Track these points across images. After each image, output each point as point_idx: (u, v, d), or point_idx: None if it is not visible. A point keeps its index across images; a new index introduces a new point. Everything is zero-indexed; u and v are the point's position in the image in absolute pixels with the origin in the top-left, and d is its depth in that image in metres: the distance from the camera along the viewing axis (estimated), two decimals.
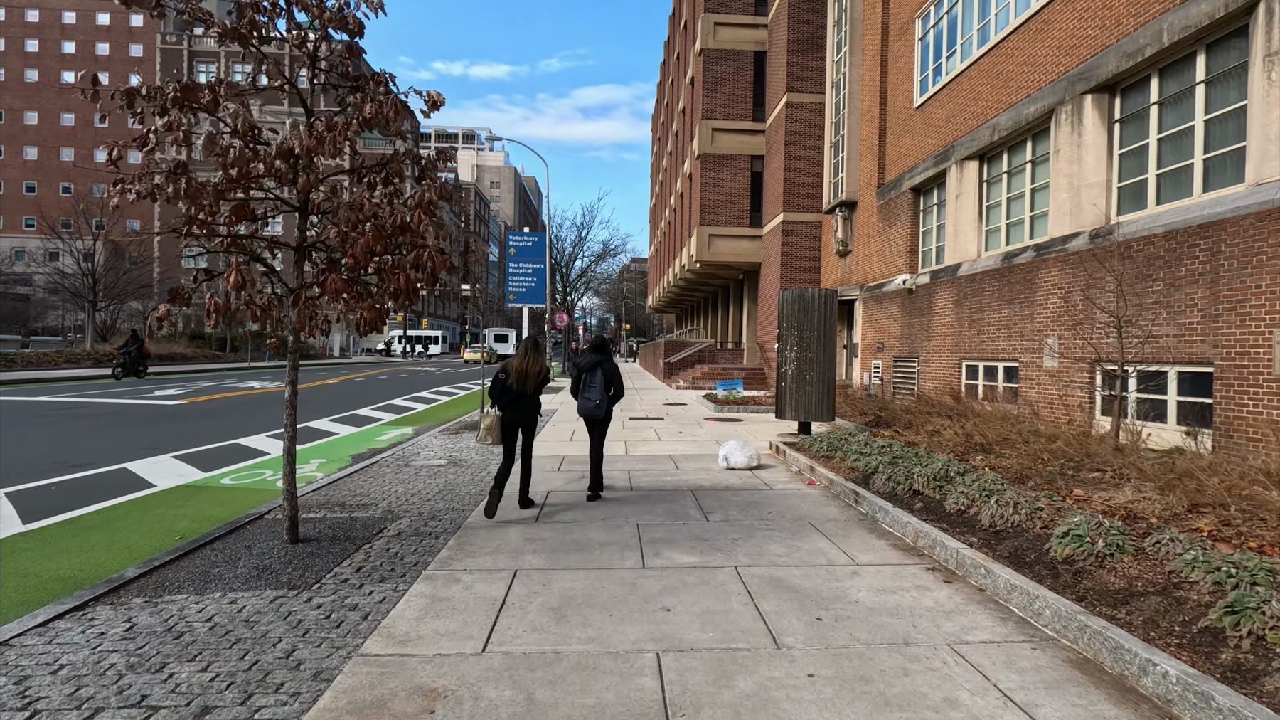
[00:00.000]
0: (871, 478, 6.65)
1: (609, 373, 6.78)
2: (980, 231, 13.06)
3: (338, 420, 13.91)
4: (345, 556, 4.77)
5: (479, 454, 9.41)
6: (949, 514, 5.28)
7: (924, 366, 14.50)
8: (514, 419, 6.30)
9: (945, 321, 13.64)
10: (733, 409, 15.24)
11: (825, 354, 10.79)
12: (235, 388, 20.87)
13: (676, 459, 9.10)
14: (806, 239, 22.46)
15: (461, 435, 11.29)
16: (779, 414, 11.08)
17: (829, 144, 20.60)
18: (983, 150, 12.81)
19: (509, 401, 6.27)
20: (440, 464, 8.65)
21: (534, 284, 17.31)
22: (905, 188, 15.80)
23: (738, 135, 25.39)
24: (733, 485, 7.30)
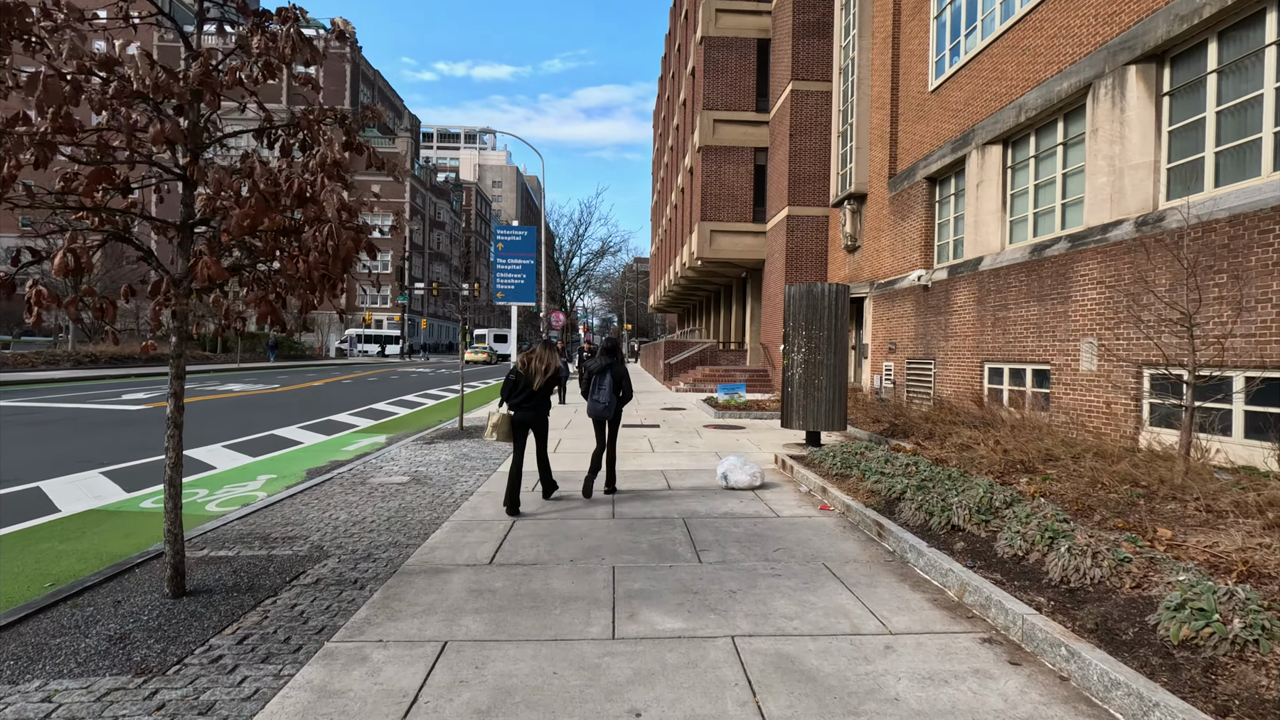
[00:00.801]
0: (897, 505, 5.59)
1: (618, 375, 6.94)
2: (1004, 222, 11.98)
3: (308, 427, 12.89)
4: (234, 618, 3.73)
5: (447, 469, 8.37)
6: (1002, 560, 4.22)
7: (941, 369, 13.42)
8: (525, 417, 6.45)
9: (965, 320, 12.55)
10: (734, 415, 14.19)
11: (836, 356, 9.73)
12: (213, 391, 19.88)
13: (670, 476, 8.04)
14: (812, 234, 21.38)
15: (436, 446, 10.26)
16: (785, 422, 10.02)
17: (836, 134, 19.52)
18: (1007, 133, 11.73)
19: (520, 400, 6.44)
20: (400, 482, 7.61)
21: (524, 281, 16.28)
22: (919, 177, 14.72)
23: (740, 126, 24.32)
24: (733, 511, 6.24)
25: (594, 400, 7.00)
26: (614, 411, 6.98)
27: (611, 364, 6.99)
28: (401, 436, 11.97)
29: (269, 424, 13.10)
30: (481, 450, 9.81)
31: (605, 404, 6.93)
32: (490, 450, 9.82)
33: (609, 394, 6.92)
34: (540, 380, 6.40)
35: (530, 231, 16.46)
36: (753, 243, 24.19)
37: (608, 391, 6.92)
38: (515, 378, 6.45)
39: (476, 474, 8.11)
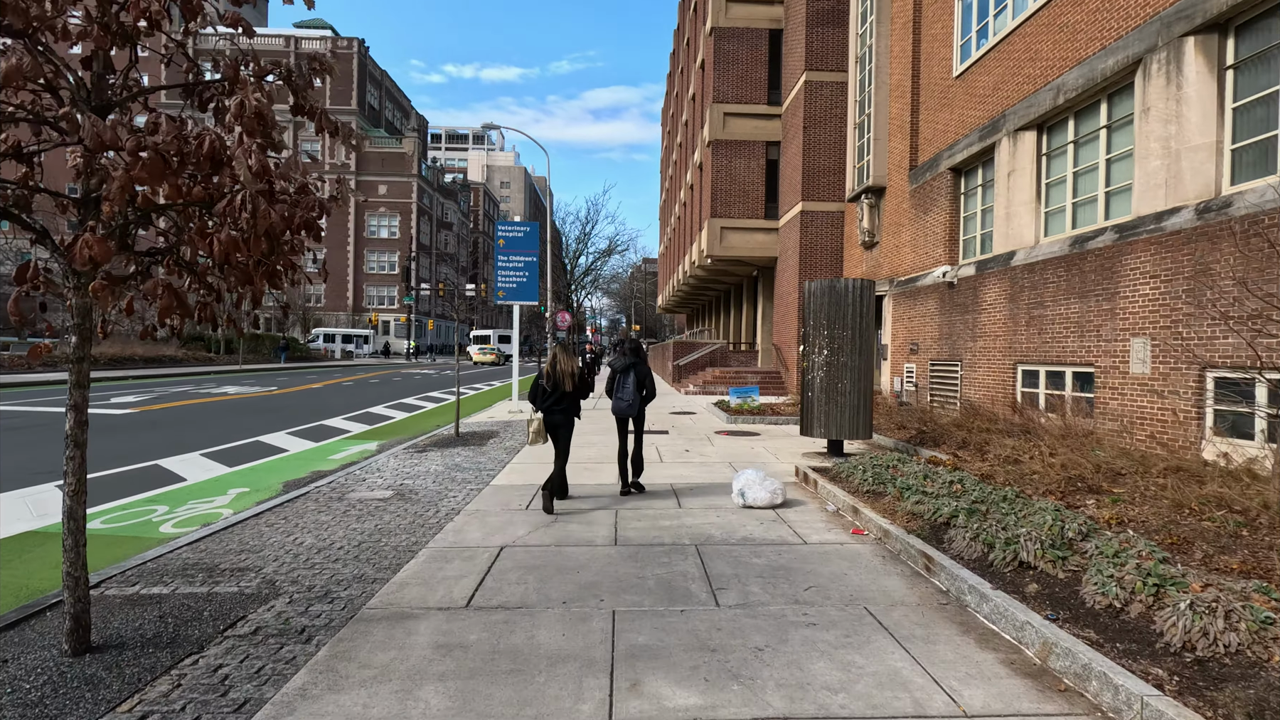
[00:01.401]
0: (945, 532, 4.80)
1: (642, 374, 7.14)
2: (1038, 213, 11.13)
3: (298, 433, 12.20)
4: (139, 687, 2.99)
5: (435, 482, 7.63)
6: (1093, 612, 3.42)
7: (969, 371, 12.57)
8: (555, 420, 6.64)
9: (996, 319, 11.71)
10: (748, 420, 13.39)
11: (861, 358, 8.93)
12: (208, 394, 19.27)
13: (680, 491, 7.27)
14: (827, 230, 20.56)
15: (428, 454, 9.53)
16: (804, 429, 9.22)
17: (852, 125, 18.70)
18: (1042, 118, 10.89)
19: (550, 404, 6.64)
20: (381, 498, 6.87)
21: (525, 279, 15.54)
22: (943, 168, 13.88)
23: (751, 120, 23.52)
24: (752, 536, 5.46)
25: (618, 399, 7.22)
26: (638, 410, 7.21)
27: (635, 364, 7.20)
28: (394, 443, 11.26)
29: (257, 429, 12.43)
30: (475, 460, 9.07)
31: (630, 402, 7.15)
32: (484, 460, 9.08)
33: (633, 393, 7.13)
34: (570, 383, 6.63)
35: (533, 228, 15.73)
36: (764, 240, 23.39)
37: (631, 390, 7.14)
38: (541, 383, 6.72)
39: (467, 488, 7.36)
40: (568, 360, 6.68)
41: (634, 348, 7.35)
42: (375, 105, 79.79)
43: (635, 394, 7.13)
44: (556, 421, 6.65)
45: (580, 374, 6.73)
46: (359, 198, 51.27)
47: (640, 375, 7.13)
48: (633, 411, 7.18)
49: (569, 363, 6.67)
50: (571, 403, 6.68)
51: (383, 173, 74.02)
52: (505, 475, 8.04)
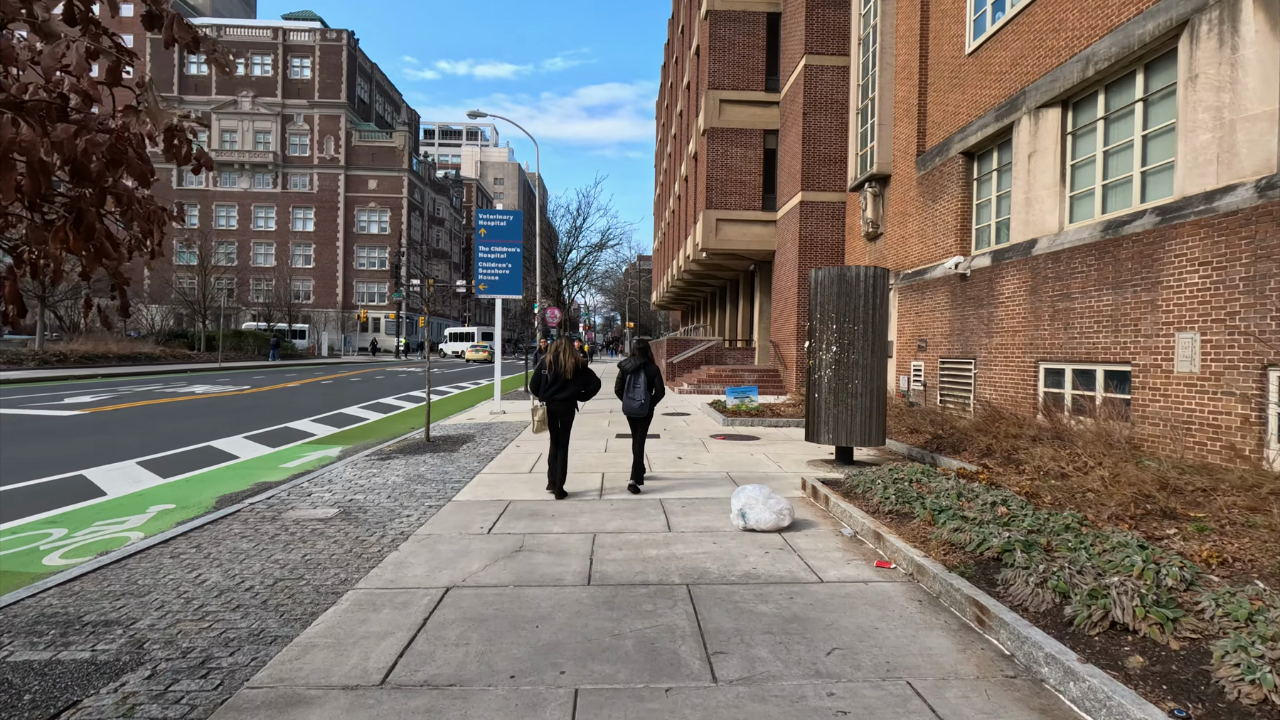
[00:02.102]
0: (998, 570, 3.85)
1: (651, 374, 7.28)
2: (1063, 198, 10.20)
3: (256, 437, 11.19)
4: None
5: (390, 497, 6.65)
6: (1238, 706, 2.48)
7: (983, 370, 11.65)
8: (555, 409, 6.87)
9: (1014, 313, 10.79)
10: (745, 422, 12.43)
11: (874, 355, 7.98)
12: (173, 393, 18.20)
13: (670, 507, 6.30)
14: (828, 221, 19.63)
15: (390, 462, 8.55)
16: (810, 435, 8.27)
17: (855, 111, 17.76)
18: (1068, 93, 9.96)
19: (552, 394, 6.85)
20: (323, 517, 5.89)
21: (508, 271, 14.54)
22: (954, 152, 12.95)
23: (748, 107, 22.55)
24: (757, 571, 4.49)
25: (629, 399, 7.30)
26: (648, 410, 7.33)
27: (644, 364, 7.34)
28: (359, 449, 10.27)
29: (212, 433, 11.41)
30: (442, 469, 8.09)
31: (641, 402, 7.26)
32: (452, 469, 8.10)
33: (643, 392, 7.26)
34: (572, 374, 6.86)
35: (517, 216, 14.73)
36: (762, 232, 22.44)
37: (642, 390, 7.27)
38: (544, 373, 6.91)
39: (425, 504, 6.39)
40: (570, 352, 6.94)
41: (642, 348, 7.50)
42: (365, 99, 78.53)
43: (645, 394, 7.28)
44: (557, 410, 6.89)
45: (582, 366, 6.98)
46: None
47: (650, 375, 7.32)
48: (644, 411, 7.33)
49: (571, 355, 6.93)
50: (572, 393, 6.93)
51: (373, 167, 72.82)
52: (472, 488, 7.06)
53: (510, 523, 5.71)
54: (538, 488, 7.12)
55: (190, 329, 45.37)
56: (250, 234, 71.37)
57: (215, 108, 70.58)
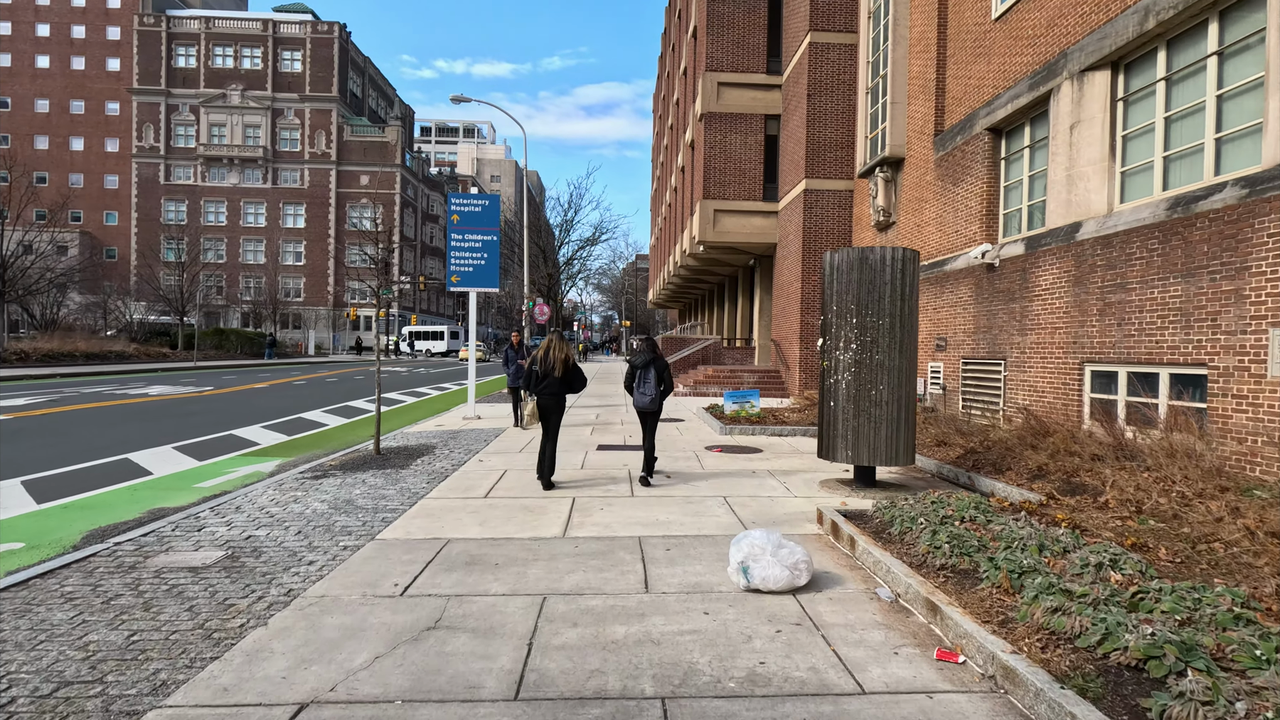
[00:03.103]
0: (1142, 688, 2.49)
1: (660, 369, 7.44)
2: (1113, 174, 8.84)
3: (189, 447, 9.80)
4: None
5: (299, 534, 5.26)
6: None
7: (1015, 372, 10.29)
8: (544, 403, 7.11)
9: (1054, 307, 9.43)
10: (745, 430, 11.05)
11: (902, 356, 6.60)
12: (124, 395, 16.78)
13: (650, 551, 4.91)
14: (834, 211, 18.25)
15: (322, 482, 7.16)
16: (825, 451, 6.89)
17: (864, 90, 16.40)
18: (1120, 52, 8.60)
19: (541, 388, 7.10)
20: (199, 565, 4.51)
21: (484, 261, 13.15)
22: (979, 129, 11.59)
23: (748, 90, 21.16)
24: (764, 670, 3.10)
25: (640, 393, 7.41)
26: (659, 404, 7.45)
27: (654, 358, 7.48)
28: (299, 462, 8.89)
29: (142, 442, 10.04)
30: (380, 492, 6.70)
31: (651, 396, 7.40)
32: (392, 492, 6.71)
33: (653, 387, 7.40)
34: (560, 370, 7.05)
35: (493, 200, 13.33)
36: (762, 224, 21.05)
37: (652, 384, 7.40)
38: (534, 368, 7.11)
39: (338, 545, 5.00)
40: (560, 348, 7.14)
41: (650, 344, 7.66)
42: (358, 93, 77.08)
43: (655, 388, 7.40)
44: (546, 405, 7.09)
45: (570, 362, 7.16)
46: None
47: (659, 369, 7.45)
48: (654, 406, 7.44)
49: (561, 350, 7.14)
50: (561, 387, 7.11)
51: (364, 162, 71.43)
52: (406, 521, 5.68)
53: (437, 576, 4.32)
54: (489, 519, 5.73)
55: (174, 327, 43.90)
56: (240, 230, 69.95)
57: (203, 101, 69.08)
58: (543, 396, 7.08)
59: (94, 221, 73.60)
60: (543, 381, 7.07)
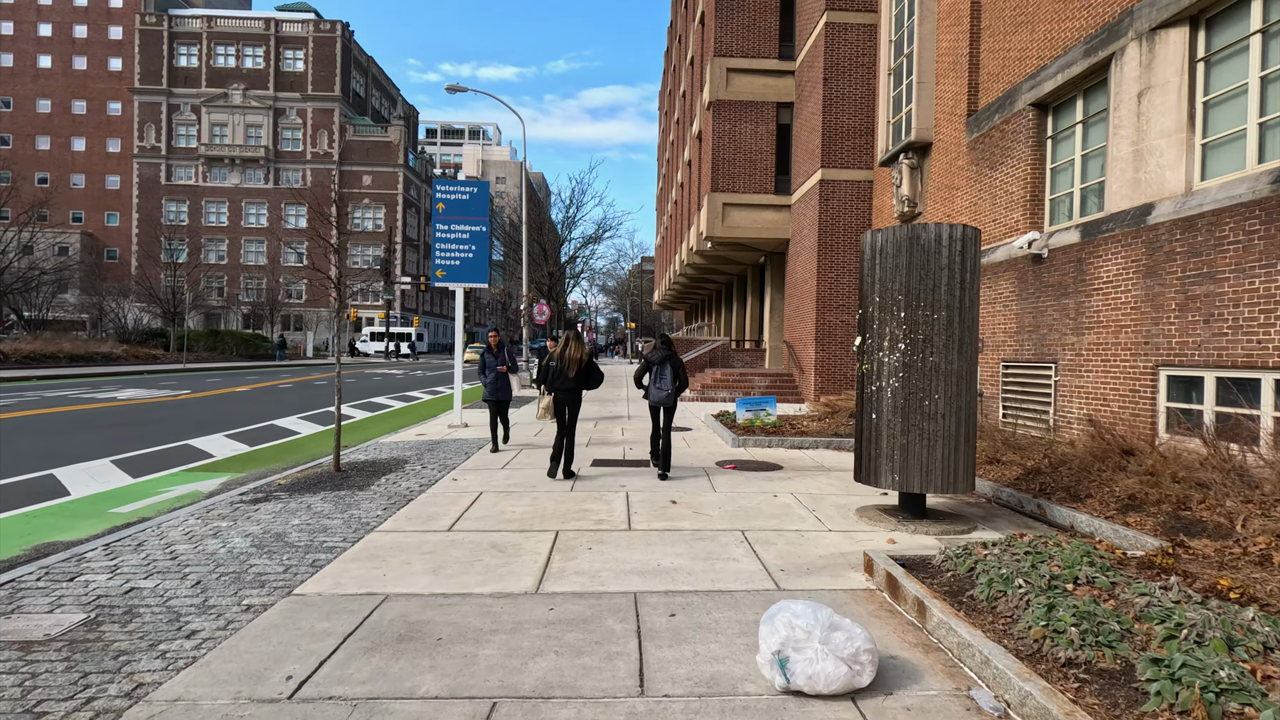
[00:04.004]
0: None
1: (676, 365, 7.66)
2: (1191, 146, 7.58)
3: (129, 461, 8.65)
4: None
5: (199, 586, 4.07)
6: None
7: (1069, 377, 9.03)
8: (561, 399, 7.38)
9: (1119, 302, 8.18)
10: (761, 442, 9.81)
11: (963, 358, 5.37)
12: (92, 399, 15.67)
13: (649, 621, 3.68)
14: (852, 203, 17.01)
15: (264, 505, 5.98)
16: (865, 474, 5.66)
17: (886, 72, 15.17)
18: (1200, 5, 7.35)
19: (558, 385, 7.39)
20: (34, 640, 3.33)
21: (471, 254, 11.97)
22: (1022, 105, 10.35)
23: (760, 77, 19.95)
24: None
25: (656, 389, 7.66)
26: (673, 400, 7.60)
27: (669, 355, 7.69)
28: (248, 479, 7.72)
29: (81, 454, 8.91)
30: (321, 523, 5.50)
31: (668, 391, 7.60)
32: (337, 523, 5.51)
33: (669, 382, 7.60)
34: (575, 369, 7.36)
35: (482, 188, 12.16)
36: (774, 218, 19.82)
37: (668, 380, 7.61)
38: (551, 365, 7.49)
39: (241, 604, 3.81)
40: (577, 347, 7.40)
41: (666, 340, 7.86)
42: (360, 93, 76.29)
43: (671, 384, 7.60)
44: (563, 400, 7.35)
45: (586, 359, 7.41)
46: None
47: (675, 366, 7.62)
48: (669, 401, 7.60)
49: (578, 350, 7.38)
50: (576, 384, 7.37)
51: (367, 163, 70.57)
52: (341, 566, 4.47)
53: (353, 662, 3.11)
54: (446, 564, 4.53)
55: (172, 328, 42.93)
56: (241, 231, 69.16)
57: (205, 100, 68.37)
58: (559, 393, 7.37)
59: (95, 222, 73.01)
60: (559, 378, 7.36)
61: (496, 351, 9.25)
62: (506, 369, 9.15)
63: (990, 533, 5.37)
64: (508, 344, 9.47)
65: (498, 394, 9.18)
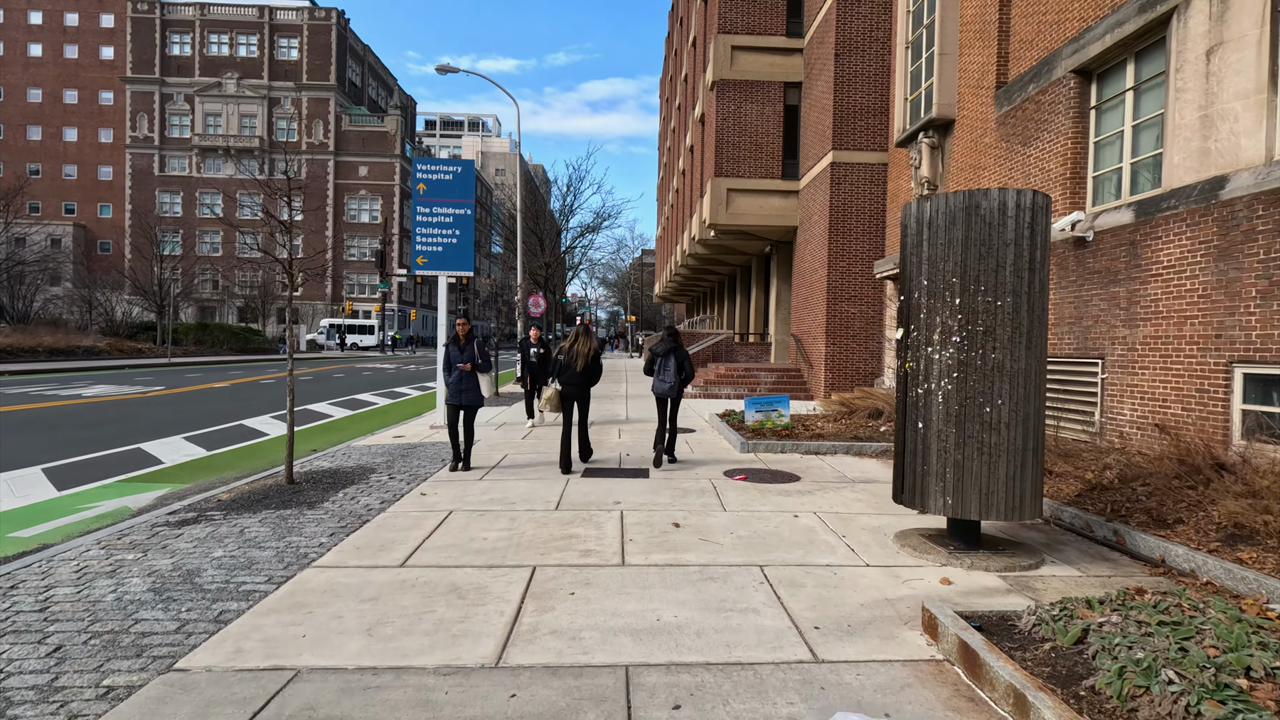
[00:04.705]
0: None
1: (680, 357, 7.86)
2: (1275, 108, 6.56)
3: (60, 469, 7.70)
4: None
5: (43, 663, 3.11)
6: None
7: (1121, 375, 8.05)
8: (570, 392, 7.45)
9: (1183, 289, 7.19)
10: (773, 445, 8.82)
11: (1032, 354, 4.39)
12: (51, 397, 14.70)
13: (644, 707, 2.71)
14: (865, 187, 15.99)
15: (192, 529, 5.02)
16: (907, 495, 4.68)
17: (903, 45, 14.12)
18: None
19: (565, 378, 7.43)
20: None
21: (455, 240, 10.97)
22: (1062, 72, 9.33)
23: (766, 55, 18.89)
24: None
25: (660, 380, 7.86)
26: (677, 391, 7.84)
27: (674, 347, 7.89)
28: (189, 491, 6.76)
29: (19, 458, 8.03)
30: (249, 554, 4.53)
31: (671, 384, 7.80)
32: (267, 554, 4.54)
33: (673, 374, 7.81)
34: (582, 363, 7.41)
35: (466, 167, 11.16)
36: (781, 205, 18.79)
37: (672, 372, 7.81)
38: (560, 359, 7.48)
39: (98, 688, 2.85)
40: (585, 342, 7.51)
41: (672, 332, 8.04)
42: (357, 82, 75.08)
43: (675, 375, 7.78)
44: (571, 394, 7.49)
45: (593, 354, 7.52)
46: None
47: (679, 358, 7.82)
48: (673, 392, 7.80)
49: (586, 345, 7.49)
50: (585, 378, 7.47)
51: (363, 153, 69.43)
52: (253, 621, 3.50)
53: None
54: (388, 618, 3.56)
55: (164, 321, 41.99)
56: (235, 222, 68.07)
57: (198, 90, 67.19)
58: (567, 386, 7.41)
59: (88, 214, 71.98)
60: (566, 371, 7.39)
61: (464, 344, 7.49)
62: (473, 366, 7.45)
63: (1063, 568, 4.40)
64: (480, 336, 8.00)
65: (461, 397, 7.41)
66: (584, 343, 7.48)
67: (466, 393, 7.42)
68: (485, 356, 7.65)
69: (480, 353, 7.53)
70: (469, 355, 7.44)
